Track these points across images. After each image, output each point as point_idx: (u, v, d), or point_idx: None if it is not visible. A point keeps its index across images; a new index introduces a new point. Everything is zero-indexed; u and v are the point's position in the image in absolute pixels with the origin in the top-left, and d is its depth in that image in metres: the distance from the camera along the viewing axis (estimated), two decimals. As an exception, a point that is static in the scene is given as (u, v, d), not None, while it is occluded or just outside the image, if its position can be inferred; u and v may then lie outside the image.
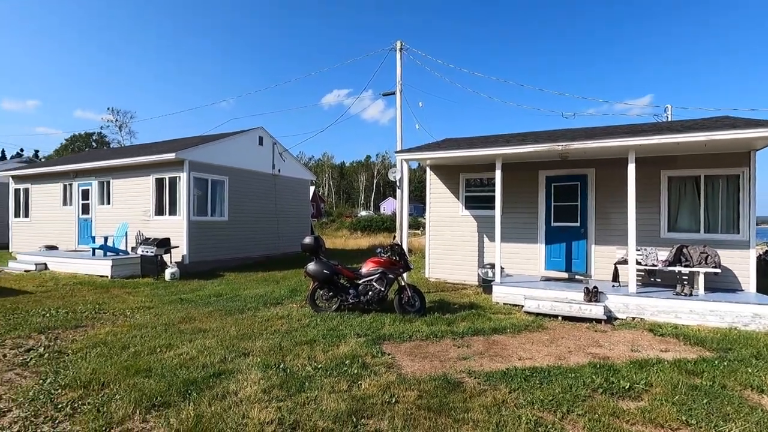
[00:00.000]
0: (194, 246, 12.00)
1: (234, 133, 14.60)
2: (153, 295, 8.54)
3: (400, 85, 14.65)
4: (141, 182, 12.72)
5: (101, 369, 4.22)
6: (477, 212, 9.88)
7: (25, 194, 16.00)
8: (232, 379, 4.02)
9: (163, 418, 3.26)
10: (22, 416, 3.30)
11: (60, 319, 6.36)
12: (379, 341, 5.32)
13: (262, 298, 8.06)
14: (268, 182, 15.09)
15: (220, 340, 5.25)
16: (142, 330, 5.76)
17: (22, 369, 4.35)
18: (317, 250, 7.04)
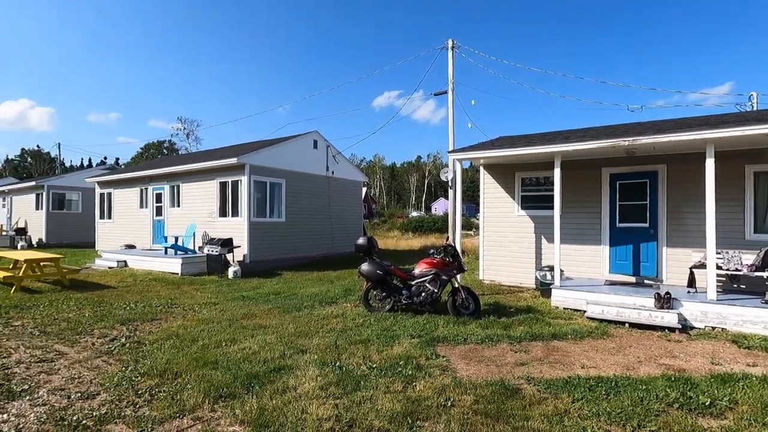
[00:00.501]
0: (254, 246, 12.61)
1: (290, 138, 15.17)
2: (218, 291, 9.08)
3: (452, 84, 14.46)
4: (206, 186, 13.59)
5: (174, 360, 4.55)
6: (534, 212, 9.51)
7: (108, 198, 17.67)
8: (291, 374, 4.17)
9: (230, 408, 3.45)
10: (108, 400, 3.64)
11: (138, 312, 6.94)
12: (432, 343, 5.28)
13: (318, 297, 8.30)
14: (323, 184, 15.51)
15: (279, 337, 5.47)
16: (209, 324, 6.15)
17: (108, 357, 4.80)
18: (371, 251, 7.12)
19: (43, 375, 4.22)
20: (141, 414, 3.38)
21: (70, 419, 3.27)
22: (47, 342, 5.31)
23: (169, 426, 3.20)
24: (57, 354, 4.86)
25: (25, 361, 4.59)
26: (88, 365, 4.50)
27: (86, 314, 6.76)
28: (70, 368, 4.41)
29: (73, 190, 22.89)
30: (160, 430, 3.14)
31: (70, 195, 22.87)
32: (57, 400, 3.64)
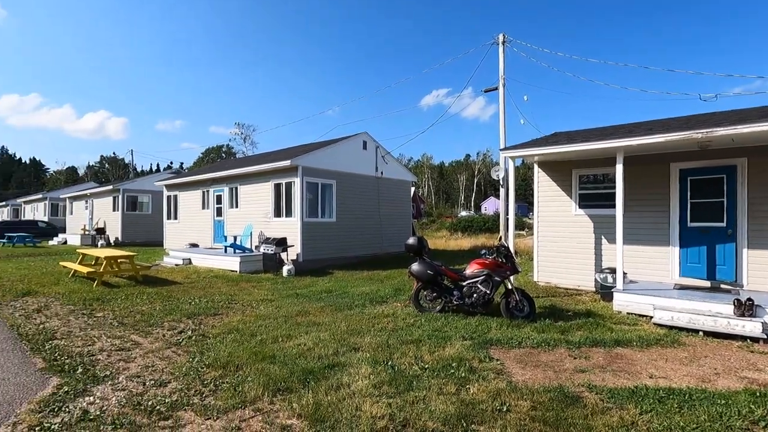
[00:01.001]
0: (307, 245, 13.01)
1: (340, 139, 15.48)
2: (273, 289, 9.46)
3: (503, 80, 14.06)
4: (262, 188, 14.20)
5: (235, 353, 4.80)
6: (593, 211, 9.02)
7: (174, 200, 18.99)
8: (344, 371, 4.25)
9: (287, 402, 3.58)
10: (178, 388, 3.91)
11: (202, 307, 7.40)
12: (485, 345, 5.17)
13: (368, 296, 8.40)
14: (372, 184, 15.68)
15: (332, 334, 5.59)
16: (266, 320, 6.42)
17: (177, 348, 5.15)
18: (421, 251, 7.09)
19: (121, 362, 4.61)
20: (207, 403, 3.59)
21: (146, 404, 3.55)
22: (124, 332, 5.80)
23: (232, 416, 3.37)
24: (133, 344, 5.29)
25: (107, 349, 5.05)
26: (159, 355, 4.86)
27: (157, 308, 7.30)
28: (145, 357, 4.79)
29: (144, 193, 24.84)
30: (224, 419, 3.33)
31: (142, 198, 24.83)
32: (134, 386, 3.97)
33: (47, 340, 5.35)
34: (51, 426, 3.19)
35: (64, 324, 6.23)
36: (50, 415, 3.38)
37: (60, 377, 4.16)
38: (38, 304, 7.55)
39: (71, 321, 6.42)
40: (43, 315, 6.79)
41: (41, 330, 5.85)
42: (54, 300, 7.96)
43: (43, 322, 6.30)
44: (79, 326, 6.10)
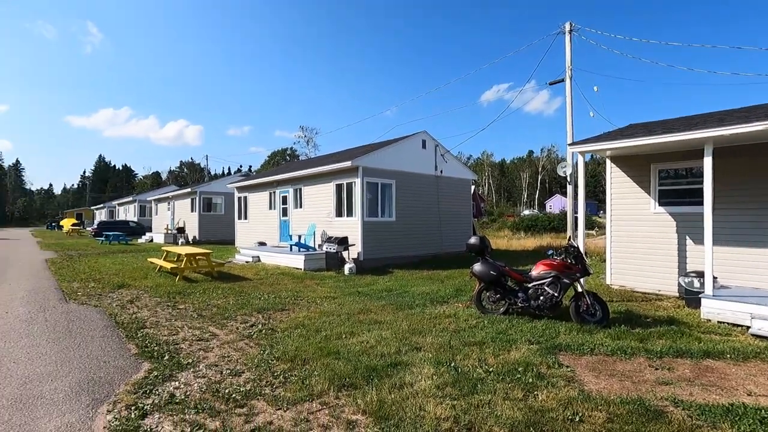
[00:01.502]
0: (367, 244, 13.23)
1: (399, 139, 15.54)
2: (336, 287, 9.73)
3: (570, 71, 13.31)
4: (324, 188, 14.67)
5: (302, 347, 5.00)
6: (675, 209, 8.24)
7: (244, 201, 20.21)
8: (407, 370, 4.27)
9: (352, 397, 3.67)
10: (251, 378, 4.15)
11: (270, 302, 7.80)
12: (554, 351, 4.92)
13: (429, 296, 8.35)
14: (431, 183, 15.58)
15: (394, 333, 5.64)
16: (329, 317, 6.62)
17: (249, 340, 5.48)
18: (483, 251, 6.92)
19: (201, 352, 4.99)
20: (277, 394, 3.78)
21: (223, 392, 3.81)
22: (203, 324, 6.28)
23: (301, 408, 3.52)
24: (211, 335, 5.71)
25: (188, 339, 5.49)
26: (234, 346, 5.20)
27: (230, 302, 7.82)
28: (221, 348, 5.15)
29: (217, 194, 26.71)
30: (294, 410, 3.48)
31: (216, 199, 26.72)
32: (212, 374, 4.28)
33: (139, 329, 5.94)
34: (144, 406, 3.53)
35: (153, 314, 6.87)
36: (143, 396, 3.75)
37: (150, 363, 4.59)
38: (131, 296, 8.41)
39: (158, 312, 7.07)
40: (135, 306, 7.54)
41: (134, 319, 6.51)
42: (143, 292, 8.82)
43: (135, 312, 7.01)
44: (165, 317, 6.70)
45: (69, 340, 5.47)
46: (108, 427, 3.20)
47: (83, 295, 8.50)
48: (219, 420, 3.30)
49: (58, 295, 8.54)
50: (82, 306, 7.56)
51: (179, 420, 3.30)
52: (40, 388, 3.91)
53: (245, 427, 3.19)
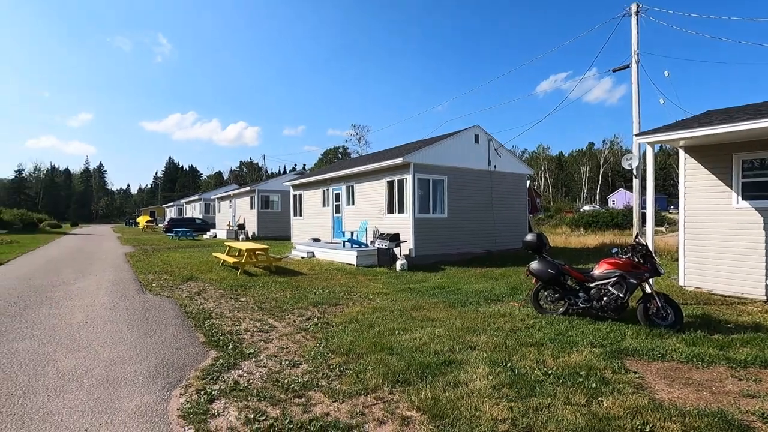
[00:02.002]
0: (419, 241, 13.19)
1: (451, 134, 15.32)
2: (387, 283, 9.80)
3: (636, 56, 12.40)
4: (376, 185, 14.81)
5: (356, 342, 5.09)
6: (762, 203, 7.42)
7: (299, 199, 20.91)
8: (461, 369, 4.21)
9: (406, 394, 3.68)
10: (308, 370, 4.30)
11: (325, 297, 8.01)
12: (619, 355, 4.63)
13: (483, 294, 8.18)
14: (485, 179, 15.21)
15: (447, 331, 5.58)
16: (382, 312, 6.68)
17: (305, 333, 5.67)
18: (540, 248, 6.65)
19: (261, 342, 5.24)
20: (333, 386, 3.88)
21: (283, 382, 3.97)
22: (263, 316, 6.59)
23: (356, 401, 3.59)
24: (270, 327, 5.98)
25: (250, 330, 5.79)
26: (291, 339, 5.40)
27: (288, 296, 8.13)
28: (280, 339, 5.37)
29: (274, 192, 27.87)
30: (349, 403, 3.55)
31: (273, 197, 27.90)
32: (272, 364, 4.48)
33: (206, 319, 6.35)
34: (211, 391, 3.77)
35: (217, 306, 7.32)
36: (211, 382, 4.00)
37: (216, 351, 4.90)
38: (198, 288, 9.01)
39: (222, 304, 7.51)
40: (202, 297, 8.07)
41: (201, 310, 6.97)
42: (209, 285, 9.42)
43: (202, 304, 7.50)
44: (228, 308, 7.11)
45: (146, 327, 5.97)
46: (181, 409, 3.45)
47: (157, 287, 9.24)
48: (279, 408, 3.45)
49: (136, 286, 9.35)
50: (157, 296, 8.21)
51: (243, 406, 3.49)
52: (123, 370, 4.31)
53: (304, 416, 3.31)
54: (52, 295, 8.33)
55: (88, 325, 6.05)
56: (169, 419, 3.29)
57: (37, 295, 8.33)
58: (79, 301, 7.71)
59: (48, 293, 8.49)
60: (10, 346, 5.11)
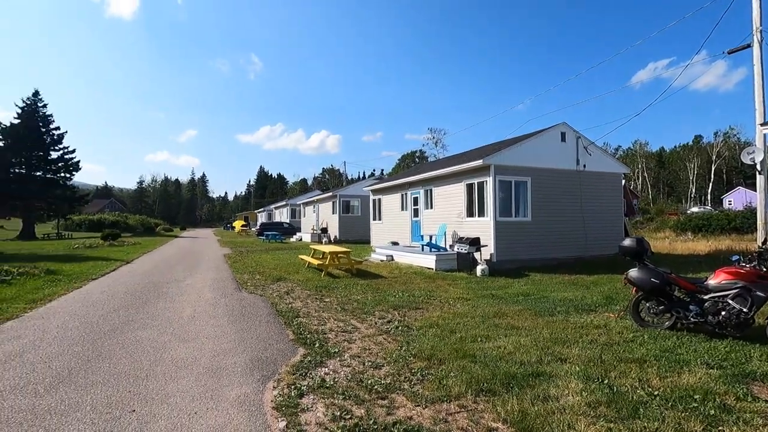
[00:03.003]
0: (500, 245, 12.72)
1: (534, 134, 14.58)
2: (468, 288, 9.58)
3: (759, 34, 10.74)
4: (454, 188, 14.60)
5: (437, 347, 5.04)
6: None
7: (378, 203, 21.37)
8: (550, 382, 3.95)
9: (491, 404, 3.55)
10: (390, 372, 4.35)
11: (405, 300, 8.06)
12: (744, 379, 4.01)
13: (572, 303, 7.63)
14: (573, 179, 14.22)
15: (533, 340, 5.29)
16: (463, 318, 6.54)
17: (386, 335, 5.75)
18: (641, 254, 6.01)
19: (345, 342, 5.42)
20: (416, 390, 3.88)
21: (366, 382, 4.07)
22: (346, 317, 6.82)
23: (439, 407, 3.55)
24: (353, 327, 6.17)
25: (334, 330, 6.03)
26: (373, 340, 5.52)
27: (369, 298, 8.33)
28: (362, 340, 5.51)
29: (354, 197, 28.81)
30: (432, 409, 3.53)
31: (353, 202, 28.86)
32: (356, 364, 4.61)
33: (294, 317, 6.75)
34: (301, 386, 3.99)
35: (304, 305, 7.74)
36: (300, 378, 4.23)
37: (304, 348, 5.17)
38: (287, 288, 9.62)
39: (309, 303, 7.93)
40: (290, 297, 8.59)
41: (290, 309, 7.42)
42: (296, 285, 10.00)
43: (290, 303, 7.98)
44: (314, 308, 7.48)
45: (243, 322, 6.51)
46: (274, 401, 3.70)
47: (251, 286, 10.04)
48: (364, 408, 3.53)
49: (234, 285, 10.25)
50: (251, 295, 8.92)
51: (330, 403, 3.63)
52: (225, 361, 4.74)
53: (387, 418, 3.35)
54: (166, 291, 9.46)
55: (195, 319, 6.77)
56: (264, 410, 3.54)
57: (155, 290, 9.52)
58: (188, 297, 8.65)
59: (163, 289, 9.67)
60: (135, 334, 5.90)
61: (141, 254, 19.44)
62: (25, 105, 37.30)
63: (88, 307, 7.66)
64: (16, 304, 7.80)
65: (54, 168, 38.21)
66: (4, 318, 6.78)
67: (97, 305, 7.85)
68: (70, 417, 3.40)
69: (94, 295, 8.89)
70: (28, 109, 37.29)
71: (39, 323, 6.50)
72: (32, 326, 6.32)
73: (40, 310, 7.49)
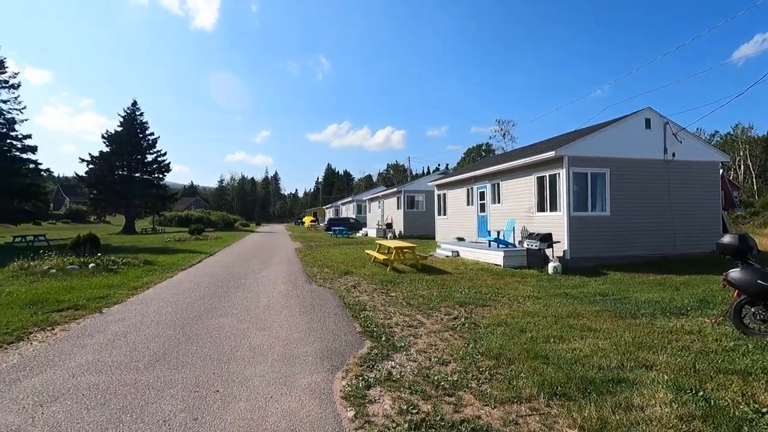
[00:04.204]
0: (574, 241, 11.97)
1: (613, 121, 13.48)
2: (539, 286, 9.13)
3: None
4: (524, 182, 13.97)
5: (506, 346, 4.87)
6: None
7: (443, 198, 21.12)
8: (634, 390, 3.64)
9: (566, 409, 3.36)
10: (457, 369, 4.28)
11: (471, 297, 7.89)
12: None
13: (659, 305, 6.96)
14: (659, 169, 12.94)
15: (613, 344, 4.91)
16: (534, 317, 6.25)
17: (452, 332, 5.67)
18: (744, 253, 5.31)
19: (411, 338, 5.44)
20: (484, 390, 3.78)
21: (433, 378, 4.04)
22: (411, 312, 6.83)
23: (509, 408, 3.43)
24: (418, 323, 6.16)
25: (400, 324, 6.07)
26: (439, 336, 5.47)
27: (434, 293, 8.27)
28: (428, 336, 5.49)
29: (419, 192, 28.74)
30: (501, 409, 3.41)
31: (418, 197, 28.80)
32: (422, 359, 4.60)
33: (361, 311, 6.90)
34: (368, 378, 4.07)
35: (370, 299, 7.88)
36: (367, 370, 4.32)
37: (371, 341, 5.27)
38: (353, 282, 9.86)
39: (375, 297, 8.06)
40: (357, 290, 8.80)
41: (357, 302, 7.61)
42: (362, 279, 10.22)
43: (357, 296, 8.18)
44: (380, 302, 7.59)
45: (313, 314, 6.79)
46: (343, 390, 3.81)
47: (320, 279, 10.44)
48: (430, 404, 3.52)
49: (305, 277, 10.73)
50: (320, 287, 9.28)
51: (396, 397, 3.66)
52: (297, 350, 4.98)
53: (455, 416, 3.31)
54: (244, 281, 10.15)
55: (270, 309, 7.19)
56: (333, 398, 3.66)
57: (234, 281, 10.26)
58: (263, 288, 9.22)
59: (241, 280, 10.39)
60: (218, 320, 6.40)
61: (222, 247, 21.06)
62: (126, 114, 42.00)
63: (178, 295, 8.46)
64: (121, 290, 8.84)
65: (149, 170, 42.65)
66: (112, 302, 7.71)
67: (185, 293, 8.64)
68: (164, 393, 3.78)
69: (183, 284, 9.80)
70: (128, 117, 41.94)
71: (139, 308, 7.31)
72: (133, 310, 7.12)
73: (139, 296, 8.42)
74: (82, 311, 6.97)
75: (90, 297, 7.94)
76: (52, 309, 7.00)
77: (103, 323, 6.28)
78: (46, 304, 7.27)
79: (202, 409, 3.45)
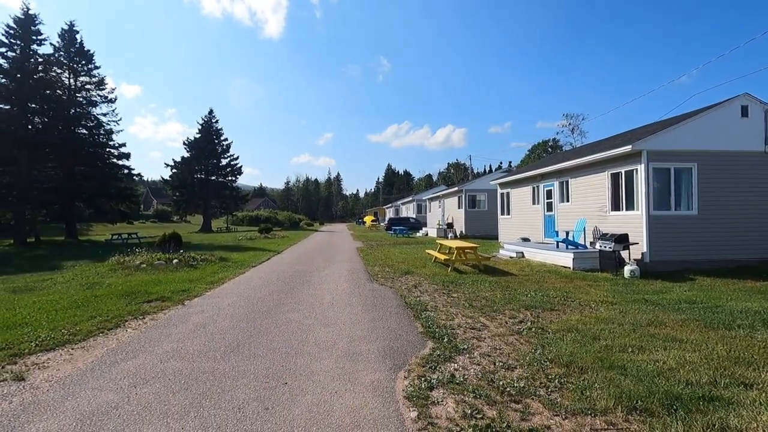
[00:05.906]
0: (655, 243, 10.98)
1: (702, 110, 12.17)
2: (613, 290, 8.50)
3: None
4: (596, 179, 13.08)
5: (578, 354, 4.59)
6: None
7: (506, 197, 20.42)
8: (730, 411, 3.26)
9: (648, 426, 3.09)
10: (524, 376, 4.11)
11: (538, 300, 7.54)
12: None
13: (760, 316, 6.17)
14: (757, 163, 11.48)
15: (704, 358, 4.43)
16: (608, 324, 5.83)
17: (518, 336, 5.45)
18: None
19: (474, 340, 5.31)
20: (553, 398, 3.59)
21: (498, 383, 3.92)
22: (474, 314, 6.68)
23: (581, 420, 3.22)
24: (482, 325, 6.00)
25: (463, 326, 5.95)
26: (504, 340, 5.29)
27: (498, 295, 8.01)
28: (492, 339, 5.33)
29: (480, 191, 28.04)
30: (573, 421, 3.22)
31: (479, 196, 28.11)
32: (486, 363, 4.47)
33: (422, 311, 6.87)
34: (430, 379, 4.03)
35: (432, 299, 7.82)
36: (429, 370, 4.29)
37: (433, 342, 5.22)
38: (414, 282, 9.85)
39: (436, 298, 7.99)
40: (418, 290, 8.78)
41: (418, 302, 7.59)
42: (423, 279, 10.17)
43: (418, 296, 8.15)
44: (442, 303, 7.50)
45: (374, 312, 6.88)
46: (405, 390, 3.81)
47: (382, 278, 10.55)
48: (496, 410, 3.41)
49: (366, 276, 10.91)
50: (382, 286, 9.38)
51: (460, 400, 3.59)
52: (360, 347, 5.07)
53: (522, 424, 3.17)
54: (309, 279, 10.55)
55: (334, 306, 7.40)
56: (396, 398, 3.68)
57: (300, 278, 10.70)
58: (327, 286, 9.51)
59: (307, 277, 10.81)
60: (286, 316, 6.71)
61: (288, 246, 22.07)
62: (204, 122, 45.59)
63: (249, 290, 9.00)
64: (200, 284, 9.58)
65: (224, 173, 45.96)
66: (193, 295, 8.39)
67: (256, 289, 9.17)
68: (238, 382, 4.03)
69: (253, 280, 10.40)
70: (206, 125, 45.51)
71: (216, 301, 7.88)
72: (211, 303, 7.69)
73: (216, 290, 9.08)
74: (168, 303, 7.67)
75: (174, 290, 8.72)
76: (143, 300, 7.80)
77: (185, 314, 6.86)
78: (138, 296, 8.11)
79: (272, 400, 3.64)
